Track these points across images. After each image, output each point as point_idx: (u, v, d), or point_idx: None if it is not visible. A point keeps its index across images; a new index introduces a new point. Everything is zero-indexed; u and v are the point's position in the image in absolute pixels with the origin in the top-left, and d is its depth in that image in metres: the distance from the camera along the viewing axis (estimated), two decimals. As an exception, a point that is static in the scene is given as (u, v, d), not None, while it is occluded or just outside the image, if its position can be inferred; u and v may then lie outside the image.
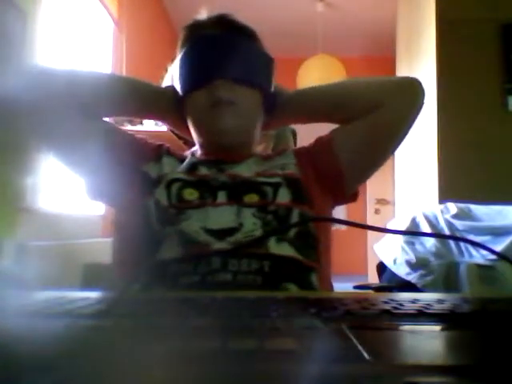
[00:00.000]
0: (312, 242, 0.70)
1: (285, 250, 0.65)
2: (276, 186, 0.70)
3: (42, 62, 1.94)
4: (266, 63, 0.78)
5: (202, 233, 0.64)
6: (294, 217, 0.68)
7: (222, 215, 0.66)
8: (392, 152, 0.79)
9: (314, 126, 0.83)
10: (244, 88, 0.73)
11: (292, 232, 0.67)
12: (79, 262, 1.56)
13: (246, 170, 0.73)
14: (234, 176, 0.72)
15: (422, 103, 0.77)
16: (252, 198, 0.68)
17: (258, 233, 0.65)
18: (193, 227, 0.64)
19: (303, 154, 0.79)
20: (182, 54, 0.76)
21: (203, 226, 0.64)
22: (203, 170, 0.73)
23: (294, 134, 1.09)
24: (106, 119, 0.79)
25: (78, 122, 0.71)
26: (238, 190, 0.69)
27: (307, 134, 0.86)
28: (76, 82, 0.72)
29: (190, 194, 0.68)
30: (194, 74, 0.74)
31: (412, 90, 0.78)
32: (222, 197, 0.68)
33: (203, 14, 0.80)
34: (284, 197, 0.69)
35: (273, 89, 0.79)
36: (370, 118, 0.75)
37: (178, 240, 0.63)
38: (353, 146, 0.77)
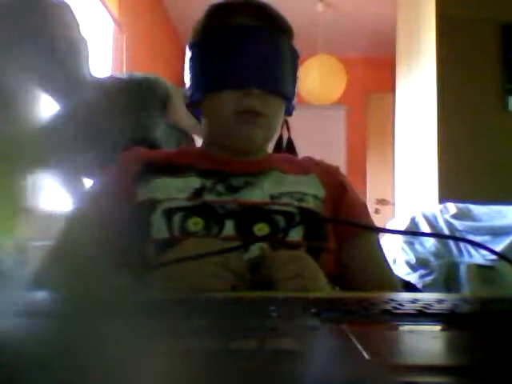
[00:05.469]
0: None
1: None
2: (289, 216, 0.66)
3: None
4: (296, 66, 0.74)
5: None
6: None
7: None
8: None
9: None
10: (275, 99, 0.70)
11: None
12: (79, 261, 1.56)
13: (259, 192, 0.68)
14: (243, 202, 0.67)
15: None
16: (262, 228, 0.64)
17: None
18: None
19: (332, 189, 0.73)
20: (210, 41, 0.70)
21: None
22: (210, 195, 0.67)
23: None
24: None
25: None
26: (246, 219, 0.65)
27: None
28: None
29: (195, 225, 0.64)
30: (226, 73, 0.69)
31: None
32: (229, 227, 0.64)
33: None
34: (297, 233, 0.64)
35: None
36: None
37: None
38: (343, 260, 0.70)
